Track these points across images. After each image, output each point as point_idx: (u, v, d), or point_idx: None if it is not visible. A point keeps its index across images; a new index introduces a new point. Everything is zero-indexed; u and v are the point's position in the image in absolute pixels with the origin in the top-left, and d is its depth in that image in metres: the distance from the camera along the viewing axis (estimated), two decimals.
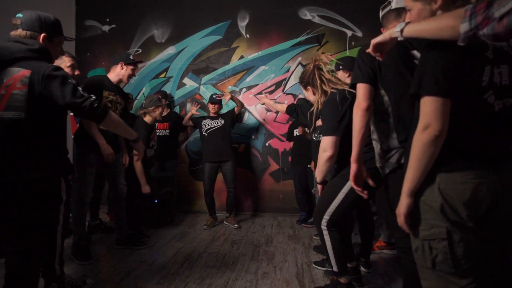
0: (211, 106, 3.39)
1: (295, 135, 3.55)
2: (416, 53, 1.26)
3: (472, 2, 0.93)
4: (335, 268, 1.77)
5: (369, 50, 1.15)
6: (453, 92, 0.92)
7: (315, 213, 1.85)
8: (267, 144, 3.95)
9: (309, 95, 1.90)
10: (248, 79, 4.00)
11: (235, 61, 4.03)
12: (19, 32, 1.36)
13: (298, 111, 2.40)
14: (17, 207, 1.27)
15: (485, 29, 0.78)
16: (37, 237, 1.34)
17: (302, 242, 2.86)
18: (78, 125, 2.35)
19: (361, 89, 1.35)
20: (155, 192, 3.26)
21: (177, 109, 4.08)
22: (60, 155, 1.48)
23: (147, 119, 2.82)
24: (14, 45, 1.31)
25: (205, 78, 4.06)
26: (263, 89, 3.98)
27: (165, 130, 3.64)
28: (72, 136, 3.06)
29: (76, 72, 2.13)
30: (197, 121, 3.46)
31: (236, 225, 3.34)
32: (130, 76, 2.52)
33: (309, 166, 3.20)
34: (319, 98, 1.78)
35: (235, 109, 3.44)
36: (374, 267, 2.22)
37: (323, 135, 1.71)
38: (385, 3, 1.52)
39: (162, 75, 4.12)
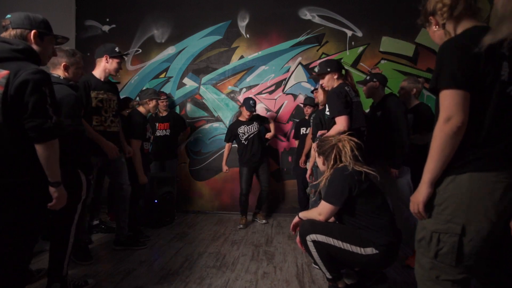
0: (246, 113, 3.38)
1: (301, 133, 3.54)
2: None
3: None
4: (327, 275, 1.77)
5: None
6: (470, 85, 0.95)
7: (302, 227, 1.80)
8: (267, 144, 3.95)
9: (319, 161, 1.92)
10: (248, 79, 4.00)
11: (235, 61, 4.03)
12: (9, 31, 1.32)
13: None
14: None
15: None
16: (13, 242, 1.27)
17: None
18: None
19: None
20: (155, 192, 3.27)
21: (177, 109, 4.08)
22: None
23: (141, 109, 2.86)
24: None
25: (205, 78, 4.06)
26: (263, 89, 3.98)
27: (165, 130, 3.64)
28: None
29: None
30: (234, 133, 3.46)
31: (264, 221, 3.44)
32: (117, 70, 2.40)
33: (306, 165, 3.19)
34: (327, 172, 1.81)
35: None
36: None
37: (323, 199, 1.75)
38: None
39: (162, 75, 4.12)
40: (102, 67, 2.36)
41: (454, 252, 0.98)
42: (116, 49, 2.38)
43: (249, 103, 3.34)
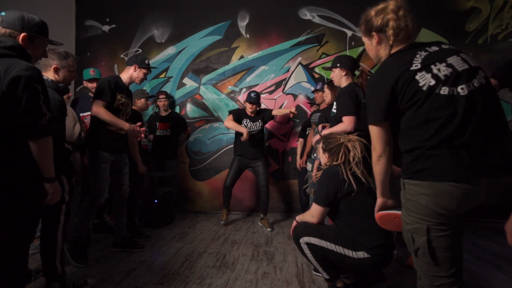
0: (248, 106, 3.29)
1: (306, 133, 3.53)
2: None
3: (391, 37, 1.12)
4: (325, 276, 1.77)
5: None
6: (390, 115, 1.09)
7: (295, 230, 1.80)
8: (267, 144, 3.95)
9: (322, 156, 1.90)
10: (248, 79, 4.00)
11: (235, 61, 4.03)
12: None
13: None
14: None
15: None
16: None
17: None
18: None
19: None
20: (155, 192, 3.27)
21: (177, 109, 4.08)
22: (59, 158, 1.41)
23: (135, 108, 3.08)
24: None
25: (205, 78, 4.06)
26: (263, 89, 3.98)
27: (165, 130, 3.63)
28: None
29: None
30: (239, 118, 3.33)
31: (269, 229, 3.24)
32: (142, 80, 2.53)
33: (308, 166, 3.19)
34: (327, 164, 1.81)
35: (275, 114, 3.33)
36: None
37: (313, 200, 1.74)
38: None
39: (162, 75, 4.12)
40: (129, 74, 2.50)
41: (426, 252, 1.04)
42: (146, 61, 2.54)
43: (250, 95, 3.28)
